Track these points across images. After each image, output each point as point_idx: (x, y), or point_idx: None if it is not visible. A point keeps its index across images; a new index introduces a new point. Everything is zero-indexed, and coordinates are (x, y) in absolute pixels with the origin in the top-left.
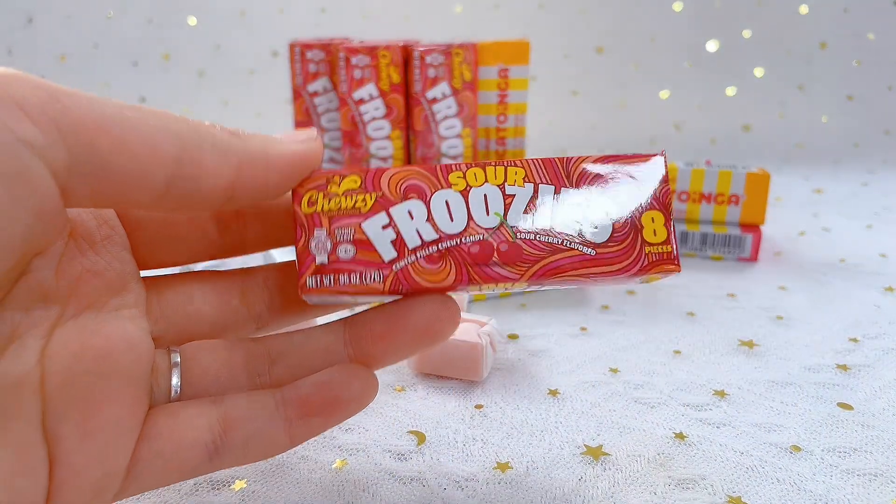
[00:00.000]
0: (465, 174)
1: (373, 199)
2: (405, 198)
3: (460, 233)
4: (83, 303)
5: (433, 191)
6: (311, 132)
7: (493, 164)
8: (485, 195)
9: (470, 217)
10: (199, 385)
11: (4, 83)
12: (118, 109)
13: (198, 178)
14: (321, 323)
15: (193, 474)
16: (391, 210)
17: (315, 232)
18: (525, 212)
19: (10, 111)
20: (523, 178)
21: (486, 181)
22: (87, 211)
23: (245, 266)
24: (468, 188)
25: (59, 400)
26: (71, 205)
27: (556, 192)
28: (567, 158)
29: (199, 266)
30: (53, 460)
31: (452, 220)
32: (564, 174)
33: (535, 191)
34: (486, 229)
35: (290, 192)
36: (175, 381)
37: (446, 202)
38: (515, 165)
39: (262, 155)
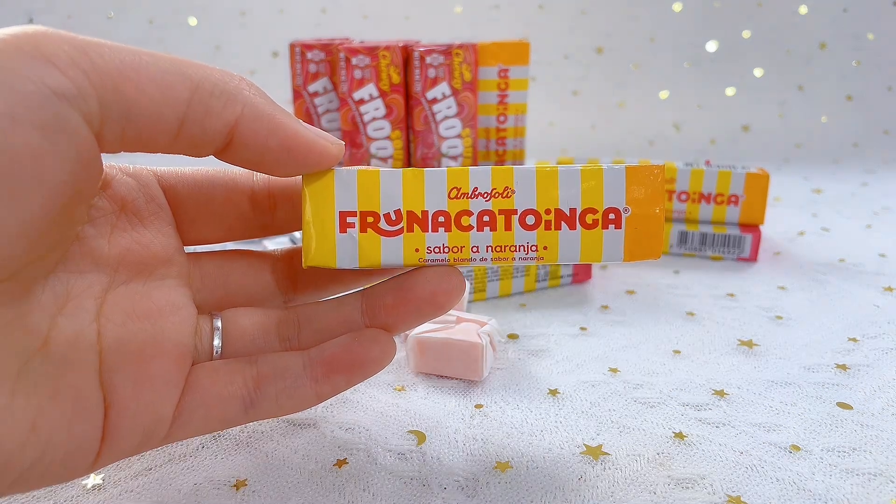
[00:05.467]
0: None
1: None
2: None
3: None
4: (132, 271)
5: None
6: (340, 143)
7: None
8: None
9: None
10: (238, 345)
11: (35, 40)
12: (136, 56)
13: (203, 121)
14: (342, 294)
15: (233, 424)
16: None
17: None
18: None
19: (44, 66)
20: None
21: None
22: (137, 189)
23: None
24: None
25: (114, 354)
26: (104, 150)
27: None
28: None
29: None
30: (108, 407)
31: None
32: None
33: None
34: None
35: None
36: (217, 342)
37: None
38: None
39: (268, 116)
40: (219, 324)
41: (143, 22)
